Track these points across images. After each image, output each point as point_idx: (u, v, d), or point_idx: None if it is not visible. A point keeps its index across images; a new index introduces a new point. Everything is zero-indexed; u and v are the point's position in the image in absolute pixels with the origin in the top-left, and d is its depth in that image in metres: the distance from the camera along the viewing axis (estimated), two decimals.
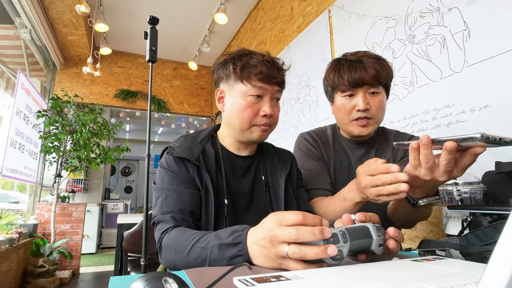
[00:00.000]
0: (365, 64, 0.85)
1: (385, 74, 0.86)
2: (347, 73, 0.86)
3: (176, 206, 0.69)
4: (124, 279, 0.43)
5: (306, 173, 0.96)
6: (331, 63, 0.94)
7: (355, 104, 0.87)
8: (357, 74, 0.85)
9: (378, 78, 0.85)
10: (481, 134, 0.44)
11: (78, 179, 5.02)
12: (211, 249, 0.54)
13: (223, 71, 0.78)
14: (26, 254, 3.00)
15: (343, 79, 0.87)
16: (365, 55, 0.88)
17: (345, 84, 0.87)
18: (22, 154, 3.18)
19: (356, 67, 0.85)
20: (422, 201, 0.66)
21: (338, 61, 0.91)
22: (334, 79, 0.90)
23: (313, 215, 0.47)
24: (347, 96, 0.89)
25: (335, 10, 2.05)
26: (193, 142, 0.78)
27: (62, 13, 3.21)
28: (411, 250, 0.67)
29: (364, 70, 0.84)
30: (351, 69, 0.86)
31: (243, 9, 3.63)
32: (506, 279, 0.17)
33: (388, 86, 0.91)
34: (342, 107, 0.90)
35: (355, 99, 0.87)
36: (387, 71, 0.87)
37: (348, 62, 0.88)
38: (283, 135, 2.69)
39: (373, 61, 0.86)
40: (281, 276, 0.37)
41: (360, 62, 0.86)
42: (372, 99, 0.87)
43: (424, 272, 0.40)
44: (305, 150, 1.00)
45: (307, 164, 0.97)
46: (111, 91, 4.57)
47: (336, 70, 0.90)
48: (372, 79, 0.84)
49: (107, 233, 5.56)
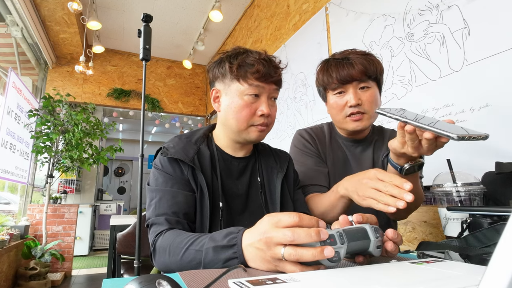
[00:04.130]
0: (351, 61, 0.88)
1: (373, 68, 0.88)
2: (335, 71, 0.89)
3: (170, 208, 0.68)
4: (117, 281, 0.43)
5: (303, 169, 0.96)
6: (320, 64, 0.97)
7: (346, 101, 0.90)
8: (345, 71, 0.88)
9: (366, 72, 0.87)
10: (457, 136, 0.48)
11: (70, 179, 4.96)
12: (205, 252, 0.54)
13: (218, 70, 0.77)
14: (17, 256, 2.96)
15: (332, 77, 0.90)
16: (352, 52, 0.92)
17: (334, 82, 0.90)
18: (13, 154, 3.13)
19: (343, 64, 0.89)
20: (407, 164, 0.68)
21: (326, 61, 0.95)
22: (324, 78, 0.93)
23: (310, 216, 0.47)
24: (338, 94, 0.92)
25: (332, 8, 2.05)
26: (188, 143, 0.77)
27: (54, 10, 3.17)
28: (410, 252, 0.66)
29: (351, 66, 0.87)
30: (338, 67, 0.89)
31: (238, 6, 3.61)
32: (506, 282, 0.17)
33: (379, 80, 0.93)
34: (335, 104, 0.93)
35: (346, 95, 0.90)
36: (375, 65, 0.89)
37: (335, 61, 0.91)
38: (279, 135, 2.68)
39: (360, 57, 0.89)
40: (277, 279, 0.37)
41: (347, 59, 0.89)
42: (363, 94, 0.89)
43: (423, 275, 0.40)
44: (302, 147, 1.01)
45: (303, 161, 0.98)
46: (104, 90, 4.52)
47: (324, 70, 0.93)
48: (360, 74, 0.87)
49: (100, 234, 5.51)
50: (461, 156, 1.12)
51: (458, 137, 0.48)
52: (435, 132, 0.53)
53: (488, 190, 0.68)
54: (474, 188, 0.69)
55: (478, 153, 1.08)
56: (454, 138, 0.49)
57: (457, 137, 0.48)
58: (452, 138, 0.49)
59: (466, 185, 0.69)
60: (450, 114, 1.23)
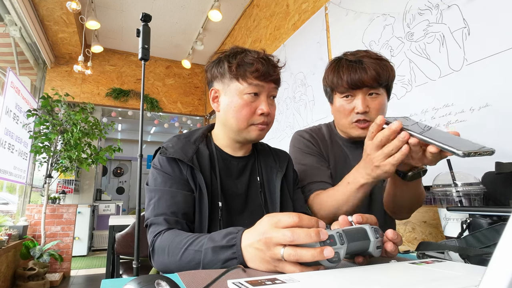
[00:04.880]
0: (365, 65, 0.83)
1: (386, 75, 0.84)
2: (346, 74, 0.84)
3: (169, 208, 0.68)
4: (116, 282, 0.43)
5: (305, 168, 0.94)
6: (330, 63, 0.93)
7: (354, 106, 0.86)
8: (357, 75, 0.83)
9: (378, 79, 0.83)
10: (463, 153, 0.48)
11: (69, 179, 4.94)
12: (204, 252, 0.53)
13: (217, 69, 0.77)
14: (15, 256, 2.95)
15: (342, 80, 0.85)
16: (366, 55, 0.86)
17: (344, 85, 0.85)
18: (12, 154, 3.12)
19: (356, 68, 0.84)
20: (411, 172, 0.68)
21: (338, 61, 0.90)
22: (333, 80, 0.88)
23: (309, 217, 0.46)
24: (345, 98, 0.88)
25: (332, 7, 2.05)
26: (187, 142, 0.77)
27: (53, 10, 3.16)
28: (410, 253, 0.66)
29: (363, 71, 0.83)
30: (350, 70, 0.84)
31: (237, 6, 3.61)
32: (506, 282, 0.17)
33: (389, 87, 0.90)
34: (341, 108, 0.89)
35: (354, 101, 0.86)
36: (388, 72, 0.85)
37: (347, 63, 0.86)
38: (278, 135, 2.68)
39: (374, 62, 0.84)
40: (276, 279, 0.36)
41: (360, 62, 0.84)
42: (371, 101, 0.85)
43: (423, 275, 0.39)
44: (303, 147, 0.98)
45: (305, 160, 0.95)
46: (102, 90, 4.51)
47: (335, 71, 0.88)
48: (372, 80, 0.82)
49: (99, 235, 5.50)
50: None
51: (464, 154, 0.48)
52: (440, 148, 0.52)
53: (488, 190, 0.67)
54: (474, 188, 0.68)
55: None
56: (459, 155, 0.48)
57: (463, 154, 0.48)
58: (458, 154, 0.49)
59: (466, 185, 0.69)
60: (450, 114, 1.22)
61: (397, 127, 0.58)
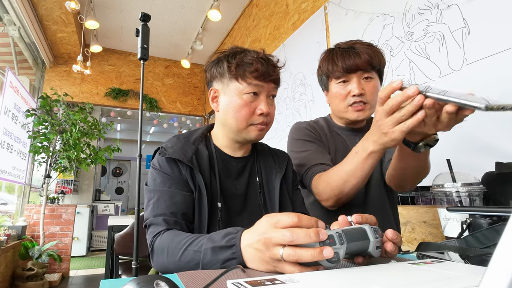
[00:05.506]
0: (357, 50, 0.88)
1: (378, 60, 0.89)
2: (341, 60, 0.89)
3: (168, 208, 0.68)
4: (115, 282, 0.43)
5: (305, 154, 0.94)
6: (324, 53, 0.97)
7: (350, 90, 0.90)
8: (351, 60, 0.87)
9: (372, 63, 0.88)
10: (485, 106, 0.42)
11: (68, 180, 4.93)
12: (204, 252, 0.53)
13: (216, 69, 0.77)
14: (14, 257, 2.94)
15: (337, 65, 0.89)
16: (357, 42, 0.92)
17: (339, 70, 0.89)
18: (11, 154, 3.12)
19: (349, 53, 0.88)
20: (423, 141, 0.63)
21: (331, 50, 0.94)
22: (328, 67, 0.92)
23: (309, 217, 0.46)
24: (341, 83, 0.91)
25: (331, 7, 2.05)
26: (186, 143, 0.77)
27: (52, 9, 3.15)
28: (409, 253, 0.66)
29: (357, 55, 0.87)
30: (344, 55, 0.89)
31: (237, 5, 3.61)
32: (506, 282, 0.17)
33: (381, 72, 0.94)
34: (337, 93, 0.92)
35: (350, 85, 0.90)
36: (379, 56, 0.90)
37: (341, 50, 0.91)
38: (278, 135, 2.67)
39: (366, 47, 0.89)
40: (276, 280, 0.36)
41: (353, 48, 0.89)
42: (366, 84, 0.89)
43: (423, 276, 0.39)
44: (303, 137, 0.99)
45: (306, 146, 0.96)
46: (101, 89, 4.51)
47: (329, 59, 0.93)
48: (366, 64, 0.87)
49: (98, 235, 5.50)
50: (461, 156, 1.12)
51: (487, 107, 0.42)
52: (459, 104, 0.46)
53: (488, 190, 0.67)
54: (474, 188, 0.68)
55: (478, 153, 1.08)
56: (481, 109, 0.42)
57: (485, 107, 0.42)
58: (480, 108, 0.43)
59: (466, 185, 0.69)
60: None
61: (414, 93, 0.53)
